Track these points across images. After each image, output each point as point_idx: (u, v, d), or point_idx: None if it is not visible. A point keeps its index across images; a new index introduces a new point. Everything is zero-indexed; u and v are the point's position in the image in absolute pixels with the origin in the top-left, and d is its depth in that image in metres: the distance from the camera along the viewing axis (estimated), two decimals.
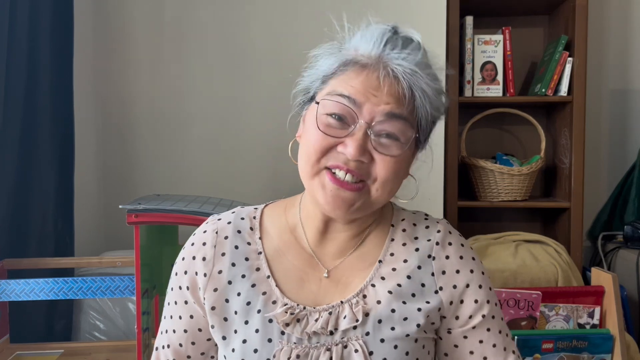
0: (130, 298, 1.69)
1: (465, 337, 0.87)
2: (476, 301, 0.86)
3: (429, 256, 0.87)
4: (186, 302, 0.88)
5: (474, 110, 2.22)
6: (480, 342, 0.86)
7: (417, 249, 0.87)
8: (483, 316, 0.86)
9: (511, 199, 2.16)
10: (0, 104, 1.61)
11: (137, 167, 2.20)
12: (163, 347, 0.92)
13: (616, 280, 1.52)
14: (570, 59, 2.11)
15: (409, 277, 0.85)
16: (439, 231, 0.89)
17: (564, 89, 2.13)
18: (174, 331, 0.90)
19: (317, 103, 0.81)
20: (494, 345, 0.87)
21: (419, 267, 0.86)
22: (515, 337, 1.40)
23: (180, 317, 0.89)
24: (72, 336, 1.86)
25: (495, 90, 2.17)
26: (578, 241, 2.11)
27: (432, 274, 0.86)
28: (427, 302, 0.84)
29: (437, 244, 0.88)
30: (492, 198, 2.17)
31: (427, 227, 0.90)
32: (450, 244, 0.88)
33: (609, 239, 2.33)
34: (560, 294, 1.56)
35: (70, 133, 1.94)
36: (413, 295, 0.84)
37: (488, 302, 0.87)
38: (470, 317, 0.86)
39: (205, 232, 0.90)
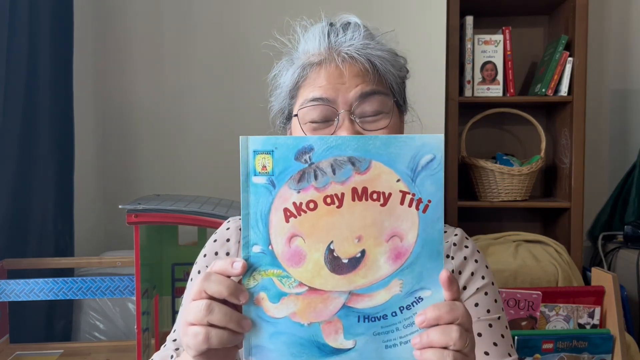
0: (130, 298, 1.69)
1: None
2: (476, 305, 0.85)
3: (447, 256, 0.87)
4: None
5: (474, 110, 2.22)
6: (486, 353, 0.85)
7: None
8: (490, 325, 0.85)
9: (511, 199, 2.16)
10: (0, 104, 1.61)
11: (137, 167, 2.20)
12: (174, 340, 0.89)
13: (616, 280, 1.52)
14: (570, 59, 2.11)
15: None
16: (456, 234, 0.90)
17: (564, 89, 2.13)
18: None
19: (296, 115, 0.84)
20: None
21: None
22: (516, 337, 1.40)
23: None
24: (72, 336, 1.86)
25: (495, 90, 2.17)
26: (578, 241, 2.11)
27: (452, 272, 0.84)
28: None
29: (455, 244, 0.89)
30: (492, 198, 2.17)
31: (445, 231, 0.90)
32: (466, 246, 0.89)
33: (609, 239, 2.33)
34: (561, 294, 1.56)
35: (70, 133, 1.94)
36: None
37: (489, 311, 0.86)
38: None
39: (228, 229, 0.91)
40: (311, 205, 0.61)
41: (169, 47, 2.19)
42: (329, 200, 0.61)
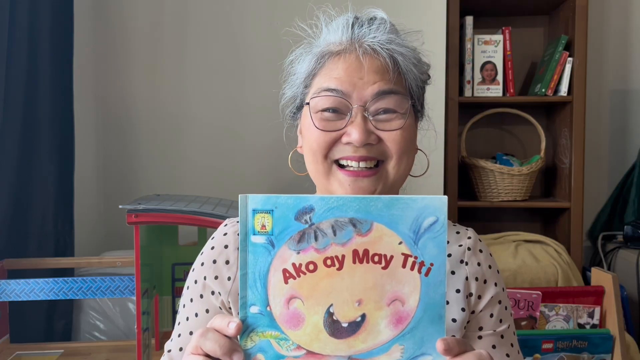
0: (130, 298, 1.69)
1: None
2: (491, 315, 0.84)
3: (461, 261, 0.84)
4: (207, 311, 0.83)
5: (474, 110, 2.22)
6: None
7: (449, 255, 0.85)
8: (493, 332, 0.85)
9: (511, 199, 2.16)
10: (0, 104, 1.61)
11: (137, 167, 2.20)
12: (172, 350, 0.86)
13: (616, 280, 1.52)
14: (570, 59, 2.11)
15: None
16: (469, 237, 0.87)
17: (564, 89, 2.13)
18: (191, 333, 0.84)
19: (308, 104, 0.82)
20: None
21: (453, 273, 0.84)
22: None
23: (196, 315, 0.84)
24: (72, 336, 1.86)
25: (495, 90, 2.17)
26: (578, 241, 2.11)
27: (467, 278, 0.84)
28: (463, 310, 0.82)
29: (469, 249, 0.85)
30: (492, 198, 2.17)
31: (457, 232, 0.88)
32: (480, 251, 0.86)
33: (609, 239, 2.33)
34: (560, 294, 1.56)
35: (70, 133, 1.94)
36: (447, 302, 0.81)
37: (501, 321, 0.85)
38: (481, 328, 0.84)
39: (225, 234, 0.85)
40: (311, 266, 0.60)
41: (169, 48, 2.19)
42: (329, 262, 0.59)
